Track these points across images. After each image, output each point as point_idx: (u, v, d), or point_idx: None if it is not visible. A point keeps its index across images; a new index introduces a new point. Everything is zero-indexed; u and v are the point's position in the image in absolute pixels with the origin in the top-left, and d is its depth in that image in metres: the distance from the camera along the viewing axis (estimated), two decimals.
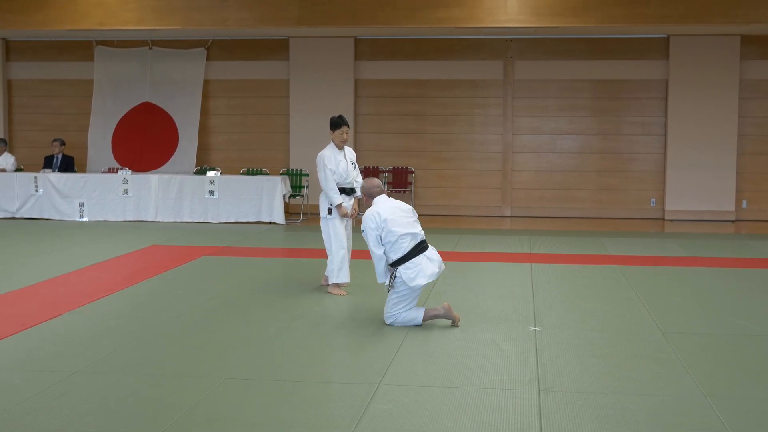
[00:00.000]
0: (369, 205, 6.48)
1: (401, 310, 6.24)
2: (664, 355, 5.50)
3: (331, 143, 7.56)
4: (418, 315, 6.24)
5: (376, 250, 6.23)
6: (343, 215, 7.49)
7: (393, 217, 6.25)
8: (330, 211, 7.50)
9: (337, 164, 7.48)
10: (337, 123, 7.47)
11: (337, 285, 7.56)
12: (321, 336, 6.19)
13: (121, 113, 14.99)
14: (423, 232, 6.39)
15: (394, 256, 6.20)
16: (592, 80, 14.31)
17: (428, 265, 6.23)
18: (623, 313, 6.74)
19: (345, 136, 7.49)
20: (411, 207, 6.57)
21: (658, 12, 12.39)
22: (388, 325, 6.27)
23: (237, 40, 14.90)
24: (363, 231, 6.31)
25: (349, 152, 7.66)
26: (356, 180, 7.66)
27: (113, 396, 4.62)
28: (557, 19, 12.61)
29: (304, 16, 12.98)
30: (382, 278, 6.29)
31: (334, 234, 7.50)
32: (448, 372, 5.10)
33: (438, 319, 6.30)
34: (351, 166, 7.58)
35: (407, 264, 6.18)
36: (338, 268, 7.49)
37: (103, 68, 15.06)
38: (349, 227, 7.71)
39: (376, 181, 6.57)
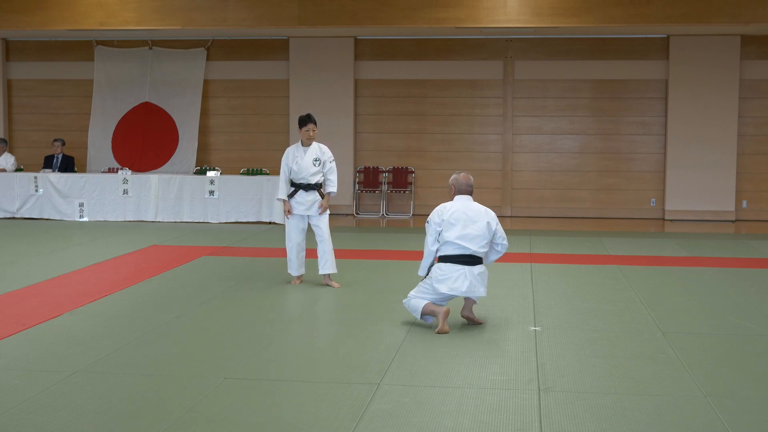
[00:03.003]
0: (451, 198, 6.37)
1: (416, 295, 6.24)
2: (664, 355, 5.50)
3: (300, 140, 7.91)
4: (419, 306, 6.17)
5: (431, 246, 6.22)
6: (285, 211, 7.87)
7: (454, 222, 6.12)
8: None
9: (294, 160, 7.81)
10: (303, 121, 7.80)
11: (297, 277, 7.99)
12: (321, 336, 6.19)
13: (121, 113, 15.00)
14: (485, 251, 6.17)
15: (441, 254, 6.21)
16: (592, 80, 14.32)
17: (459, 280, 6.09)
18: (623, 313, 6.74)
19: (311, 133, 7.77)
20: (487, 223, 6.17)
21: (658, 12, 12.40)
22: (403, 304, 6.36)
23: (237, 40, 14.90)
24: (427, 222, 6.30)
25: (317, 149, 7.84)
26: (328, 177, 7.86)
27: (113, 396, 4.61)
28: (557, 19, 12.61)
29: (304, 16, 12.98)
30: (423, 272, 6.32)
31: (287, 228, 7.94)
32: (448, 372, 5.10)
33: (432, 316, 6.21)
34: (313, 163, 7.78)
35: (443, 266, 6.15)
36: (288, 260, 7.95)
37: (103, 68, 15.06)
38: (320, 221, 7.83)
39: (470, 179, 6.34)
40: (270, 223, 12.83)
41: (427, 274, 6.29)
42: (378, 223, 13.75)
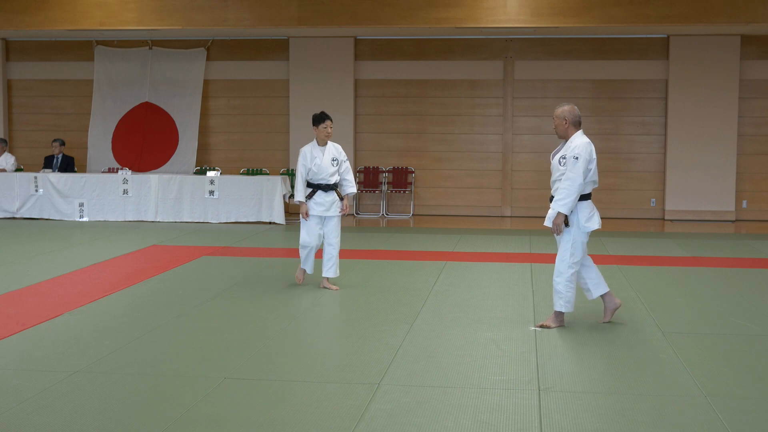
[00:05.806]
0: (566, 135, 6.28)
1: (573, 272, 6.15)
2: (664, 355, 5.50)
3: (314, 139, 7.68)
4: (573, 297, 6.16)
5: (581, 180, 6.03)
6: (303, 213, 7.64)
7: (596, 158, 6.18)
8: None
9: (312, 160, 7.60)
10: (320, 118, 7.60)
11: (326, 279, 7.77)
12: (321, 336, 6.20)
13: (121, 113, 15.00)
14: None
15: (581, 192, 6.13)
16: (592, 80, 14.32)
17: (598, 214, 6.26)
18: (623, 313, 6.73)
19: (329, 130, 7.61)
20: None
21: (658, 12, 12.40)
22: (561, 286, 6.16)
23: (237, 40, 14.90)
24: (575, 157, 6.06)
25: (333, 148, 7.72)
26: (345, 177, 7.74)
27: (113, 396, 4.62)
28: (557, 19, 12.61)
29: (304, 16, 12.98)
30: (569, 210, 6.08)
31: (304, 230, 7.73)
32: (448, 372, 5.10)
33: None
34: (331, 163, 7.64)
35: (585, 204, 6.15)
36: (303, 257, 7.77)
37: (103, 68, 15.06)
38: (333, 225, 7.72)
39: (576, 110, 6.32)
40: (270, 223, 12.83)
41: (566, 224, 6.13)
42: (378, 223, 13.76)
